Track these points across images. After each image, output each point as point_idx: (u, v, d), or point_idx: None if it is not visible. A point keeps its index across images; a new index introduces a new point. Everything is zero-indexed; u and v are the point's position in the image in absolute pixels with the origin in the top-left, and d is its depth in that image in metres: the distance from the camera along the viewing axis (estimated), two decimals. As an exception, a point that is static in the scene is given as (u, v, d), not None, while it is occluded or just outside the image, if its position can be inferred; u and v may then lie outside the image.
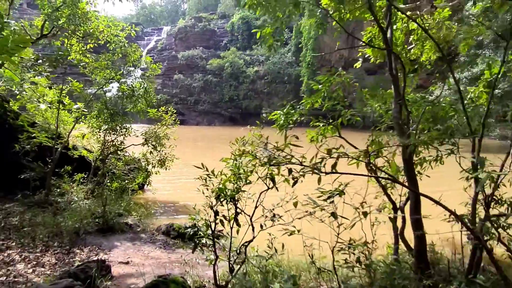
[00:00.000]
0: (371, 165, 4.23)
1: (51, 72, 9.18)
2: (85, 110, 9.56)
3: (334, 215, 3.97)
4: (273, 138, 4.34)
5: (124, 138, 11.37)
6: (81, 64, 11.03)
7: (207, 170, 4.51)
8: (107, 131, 11.24)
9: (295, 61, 60.84)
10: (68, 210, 9.24)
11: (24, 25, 9.97)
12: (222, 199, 4.40)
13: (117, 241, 7.85)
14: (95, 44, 11.48)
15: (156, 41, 75.04)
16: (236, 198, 4.45)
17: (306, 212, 4.04)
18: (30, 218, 8.81)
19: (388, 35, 5.72)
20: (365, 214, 3.98)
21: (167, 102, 49.55)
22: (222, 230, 4.69)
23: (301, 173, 3.92)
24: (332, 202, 3.91)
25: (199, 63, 63.13)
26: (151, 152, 11.12)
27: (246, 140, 4.57)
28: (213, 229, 4.67)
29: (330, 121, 4.86)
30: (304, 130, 4.85)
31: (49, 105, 10.26)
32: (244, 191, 4.45)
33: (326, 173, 3.79)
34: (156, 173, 11.66)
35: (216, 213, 4.57)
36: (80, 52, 11.20)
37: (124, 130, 11.29)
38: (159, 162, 11.35)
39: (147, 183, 11.81)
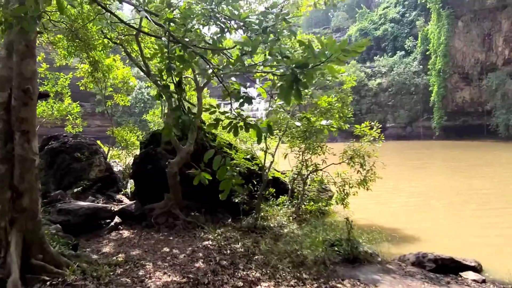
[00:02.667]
0: None
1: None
2: (334, 126, 8.98)
3: None
4: None
5: (318, 156, 10.68)
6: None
7: None
8: (305, 150, 10.63)
9: (422, 70, 56.81)
10: (285, 236, 8.64)
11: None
12: None
13: (371, 273, 6.85)
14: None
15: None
16: None
17: None
18: (252, 244, 8.36)
19: None
20: None
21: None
22: None
23: None
24: None
25: (318, 77, 62.47)
26: (358, 171, 10.14)
27: None
28: None
29: None
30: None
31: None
32: None
33: None
34: (354, 194, 10.66)
35: None
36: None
37: (319, 148, 10.60)
38: (361, 182, 10.31)
39: (345, 205, 10.83)
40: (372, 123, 10.45)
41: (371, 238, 8.48)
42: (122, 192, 12.62)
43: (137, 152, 15.61)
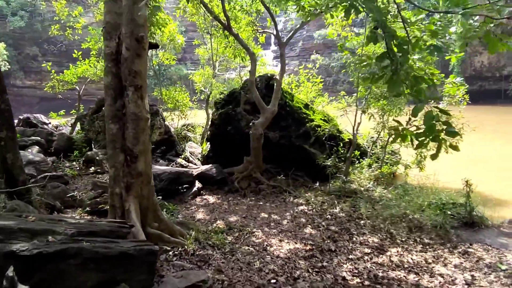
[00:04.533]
0: None
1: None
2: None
3: None
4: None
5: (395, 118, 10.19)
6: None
7: None
8: (385, 112, 10.12)
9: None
10: (379, 200, 8.25)
11: None
12: None
13: (495, 237, 6.44)
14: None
15: (285, 21, 72.20)
16: None
17: None
18: (350, 208, 8.00)
19: None
20: None
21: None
22: None
23: None
24: None
25: (337, 41, 60.53)
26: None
27: None
28: None
29: None
30: None
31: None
32: None
33: None
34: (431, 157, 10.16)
35: None
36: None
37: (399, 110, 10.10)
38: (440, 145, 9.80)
39: (420, 167, 10.37)
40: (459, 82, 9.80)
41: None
42: (182, 156, 12.17)
43: (191, 113, 15.17)
